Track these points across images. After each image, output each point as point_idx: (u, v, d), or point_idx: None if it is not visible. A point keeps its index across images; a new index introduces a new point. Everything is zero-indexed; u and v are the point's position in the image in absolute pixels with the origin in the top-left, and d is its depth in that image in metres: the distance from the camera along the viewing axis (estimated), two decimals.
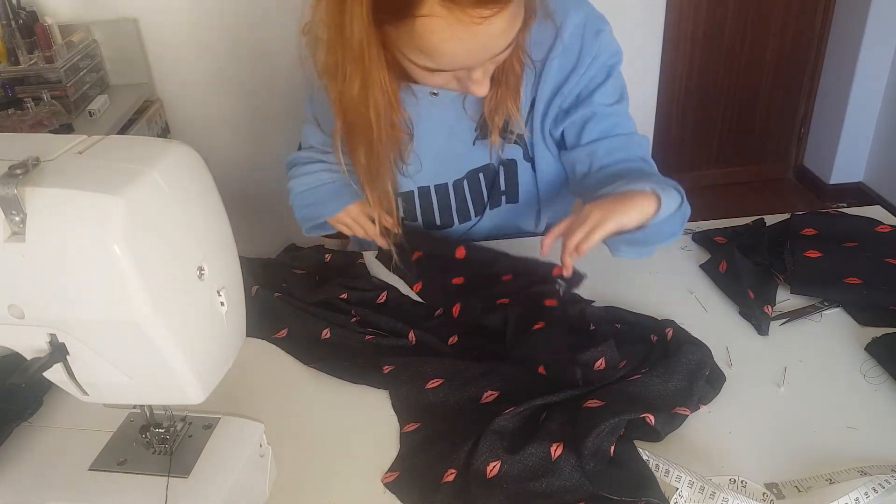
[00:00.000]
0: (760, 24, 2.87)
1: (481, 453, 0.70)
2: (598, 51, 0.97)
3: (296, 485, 0.73)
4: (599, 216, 0.84)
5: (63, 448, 0.69)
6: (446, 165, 1.08)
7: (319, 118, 1.08)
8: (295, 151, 1.16)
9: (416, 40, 0.77)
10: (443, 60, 0.79)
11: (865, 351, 0.87)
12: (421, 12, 0.73)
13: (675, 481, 0.69)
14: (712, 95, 3.01)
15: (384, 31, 0.79)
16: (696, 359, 0.81)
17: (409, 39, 0.77)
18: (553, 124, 1.02)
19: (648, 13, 2.05)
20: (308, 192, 1.09)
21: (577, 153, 1.00)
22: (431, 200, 1.11)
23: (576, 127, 1.00)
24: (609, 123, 0.98)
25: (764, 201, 3.09)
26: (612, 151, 0.97)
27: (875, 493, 0.66)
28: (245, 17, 1.90)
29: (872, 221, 1.07)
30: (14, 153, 0.51)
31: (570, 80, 0.97)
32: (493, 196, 1.12)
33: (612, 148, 0.97)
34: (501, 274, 1.01)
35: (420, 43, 0.77)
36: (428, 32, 0.75)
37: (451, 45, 0.76)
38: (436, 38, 0.75)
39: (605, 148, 0.98)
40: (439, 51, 0.77)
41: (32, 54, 1.66)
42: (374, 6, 0.75)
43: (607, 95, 0.98)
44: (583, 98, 0.98)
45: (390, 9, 0.75)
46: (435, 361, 0.85)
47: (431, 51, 0.77)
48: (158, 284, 0.51)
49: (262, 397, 0.85)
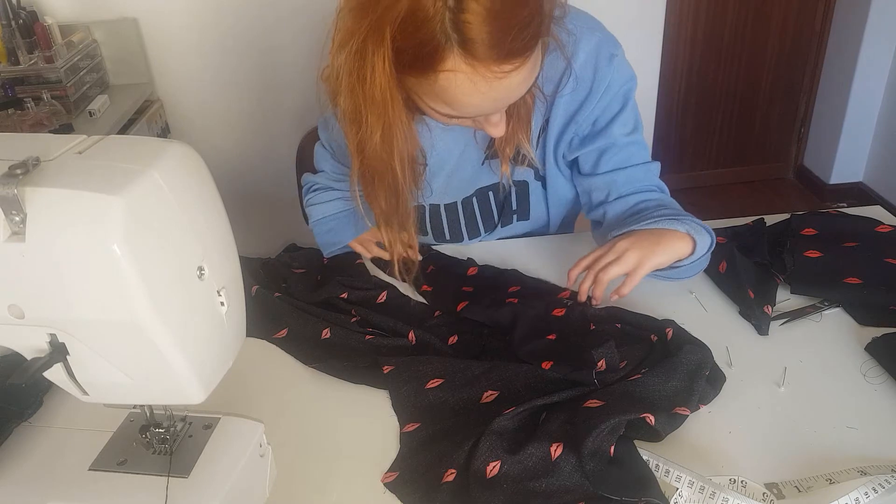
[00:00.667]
0: (760, 24, 2.87)
1: (481, 453, 0.70)
2: (613, 78, 0.96)
3: (296, 485, 0.73)
4: (637, 258, 0.87)
5: (63, 448, 0.69)
6: (456, 186, 1.10)
7: (333, 147, 1.11)
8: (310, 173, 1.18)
9: (437, 92, 0.77)
10: (464, 110, 0.80)
11: (865, 351, 0.87)
12: (444, 68, 0.73)
13: (675, 481, 0.69)
14: (712, 95, 3.01)
15: (405, 80, 0.78)
16: (696, 359, 0.81)
17: (430, 90, 0.78)
18: (568, 150, 1.03)
19: (648, 13, 2.04)
20: (324, 221, 1.11)
21: (595, 181, 1.02)
22: (441, 219, 1.13)
23: (593, 156, 1.01)
24: (626, 154, 0.99)
25: (764, 201, 3.09)
26: (630, 181, 0.99)
27: (875, 493, 0.66)
28: (245, 17, 1.90)
29: (872, 221, 1.07)
30: (14, 153, 0.51)
31: (585, 108, 0.97)
32: (505, 214, 1.14)
33: (630, 178, 0.99)
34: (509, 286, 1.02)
35: (442, 95, 0.77)
36: (451, 86, 0.75)
37: (474, 98, 0.77)
38: (458, 92, 0.76)
39: (623, 178, 0.99)
40: (461, 102, 0.78)
41: (32, 54, 1.66)
42: (396, 59, 0.75)
43: (624, 125, 0.98)
44: (599, 128, 0.99)
45: (413, 63, 0.75)
46: (435, 361, 0.85)
47: (453, 102, 0.78)
48: (158, 284, 0.51)
49: (262, 397, 0.85)
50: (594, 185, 1.02)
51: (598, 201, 1.02)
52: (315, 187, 1.15)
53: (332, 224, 1.11)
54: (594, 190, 1.02)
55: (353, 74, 0.79)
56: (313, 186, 1.15)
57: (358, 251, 1.12)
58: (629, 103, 0.98)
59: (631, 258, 0.87)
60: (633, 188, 0.99)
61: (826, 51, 2.93)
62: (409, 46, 0.73)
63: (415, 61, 0.74)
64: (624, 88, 0.97)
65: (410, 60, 0.75)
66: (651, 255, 0.87)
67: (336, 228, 1.11)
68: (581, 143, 1.01)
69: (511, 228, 1.16)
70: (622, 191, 1.00)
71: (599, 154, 1.00)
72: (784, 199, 3.11)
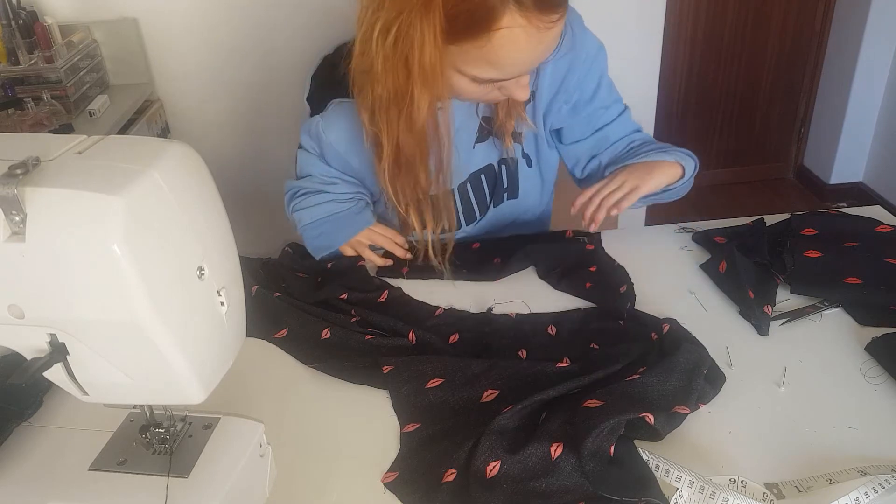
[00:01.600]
0: (760, 24, 2.87)
1: (481, 453, 0.70)
2: (589, 45, 1.03)
3: (296, 485, 0.73)
4: (635, 181, 1.01)
5: (63, 448, 0.69)
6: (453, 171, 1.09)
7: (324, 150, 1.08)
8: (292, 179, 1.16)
9: (487, 53, 0.81)
10: (510, 69, 0.85)
11: (865, 351, 0.87)
12: (500, 25, 0.78)
13: (675, 481, 0.69)
14: (712, 95, 3.01)
15: (448, 52, 0.82)
16: (694, 357, 0.81)
17: (478, 55, 0.82)
18: (556, 119, 1.09)
19: (648, 13, 2.04)
20: (315, 224, 1.10)
21: (587, 142, 1.12)
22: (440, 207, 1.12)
23: (583, 123, 1.10)
24: (610, 112, 1.11)
25: (764, 201, 3.09)
26: (616, 131, 1.12)
27: (875, 493, 0.66)
28: (246, 17, 1.90)
29: (872, 221, 1.07)
30: (14, 153, 0.51)
31: (571, 74, 1.02)
32: (496, 195, 1.15)
33: (616, 129, 1.12)
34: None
35: (492, 55, 0.81)
36: (506, 43, 0.80)
37: (524, 53, 0.82)
38: (512, 48, 0.80)
39: (611, 131, 1.11)
40: (510, 60, 0.83)
41: (32, 54, 1.66)
42: (448, 27, 0.79)
43: (606, 88, 1.09)
44: (588, 96, 1.07)
45: (467, 26, 0.79)
46: (435, 361, 0.85)
47: (502, 61, 0.83)
48: (158, 284, 0.51)
49: (262, 397, 0.85)
50: (585, 146, 1.13)
51: (591, 156, 1.13)
52: (302, 192, 1.12)
53: (323, 227, 1.09)
54: (586, 150, 1.13)
55: (396, 56, 0.82)
56: (300, 191, 1.12)
57: (348, 255, 1.10)
58: (606, 68, 1.08)
59: (628, 183, 1.01)
60: (619, 135, 1.12)
61: (826, 51, 2.93)
62: (463, 12, 0.78)
63: (469, 26, 0.79)
64: (601, 55, 1.06)
65: (464, 26, 0.79)
66: (647, 180, 1.02)
67: (327, 232, 1.09)
68: (571, 112, 1.09)
69: (502, 208, 1.17)
70: (611, 139, 1.12)
71: (589, 119, 1.10)
72: (784, 199, 3.11)
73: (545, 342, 0.91)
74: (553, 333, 0.92)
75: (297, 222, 1.12)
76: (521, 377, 0.82)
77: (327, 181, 1.10)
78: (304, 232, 1.11)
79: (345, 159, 1.06)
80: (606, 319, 0.93)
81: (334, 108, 1.03)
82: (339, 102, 1.02)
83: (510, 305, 0.98)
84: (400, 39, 0.81)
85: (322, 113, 1.04)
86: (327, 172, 1.09)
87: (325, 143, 1.06)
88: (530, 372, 0.83)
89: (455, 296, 1.01)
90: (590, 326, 0.92)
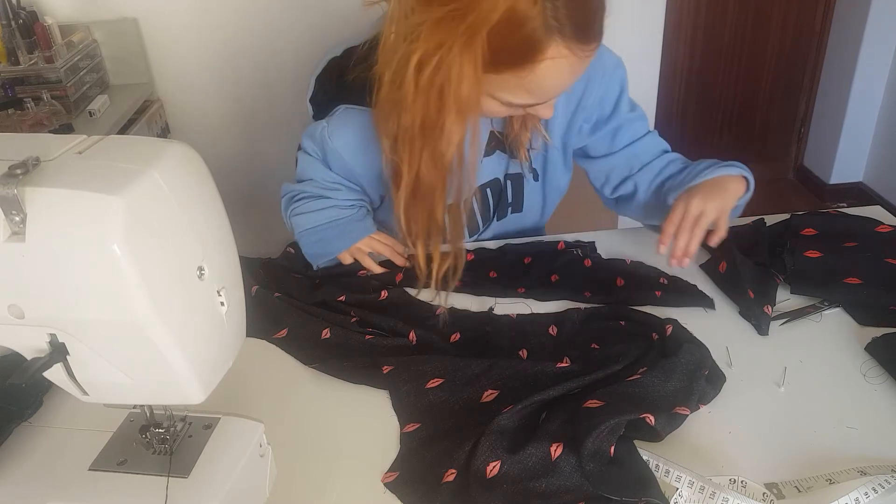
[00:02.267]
0: (760, 24, 2.87)
1: (481, 453, 0.70)
2: (606, 61, 1.02)
3: (296, 485, 0.73)
4: (717, 202, 0.96)
5: (63, 448, 0.69)
6: None
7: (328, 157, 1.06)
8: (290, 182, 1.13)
9: (528, 83, 0.82)
10: (546, 95, 0.86)
11: (865, 351, 0.87)
12: (545, 56, 0.79)
13: (675, 481, 0.69)
14: (712, 95, 3.01)
15: (487, 80, 0.82)
16: (695, 358, 0.81)
17: (518, 82, 0.82)
18: (577, 138, 1.08)
19: (648, 13, 2.04)
20: (314, 231, 1.07)
21: (614, 160, 1.10)
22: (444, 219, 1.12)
23: (607, 138, 1.09)
24: (635, 128, 1.09)
25: (764, 201, 3.08)
26: (647, 150, 1.09)
27: (875, 493, 0.66)
28: (246, 17, 1.90)
29: (872, 221, 1.07)
30: (14, 153, 0.51)
31: (588, 92, 1.02)
32: (501, 208, 1.15)
33: (646, 148, 1.09)
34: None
35: (532, 84, 0.82)
36: (549, 73, 0.80)
37: (563, 81, 0.84)
38: (553, 77, 0.82)
39: (641, 149, 1.09)
40: (550, 87, 0.84)
41: (32, 54, 1.66)
42: (491, 58, 0.79)
43: (627, 103, 1.07)
44: (608, 111, 1.07)
45: (513, 58, 0.79)
46: (435, 360, 0.85)
47: (541, 89, 0.84)
48: (158, 284, 0.51)
49: (262, 397, 0.85)
50: (614, 164, 1.10)
51: (623, 177, 1.10)
52: (301, 196, 1.09)
53: (323, 233, 1.06)
54: (615, 168, 1.10)
55: (432, 87, 0.81)
56: (299, 195, 1.09)
57: (346, 262, 1.08)
58: (626, 84, 1.07)
59: (712, 208, 0.96)
60: (652, 155, 1.09)
61: (826, 51, 2.93)
62: (509, 44, 0.78)
63: (513, 58, 0.79)
64: (619, 71, 1.05)
65: (508, 57, 0.79)
66: (726, 197, 0.98)
67: (327, 238, 1.06)
68: (593, 129, 1.08)
69: (505, 222, 1.17)
70: (644, 160, 1.09)
71: (613, 135, 1.08)
72: (784, 199, 3.11)
73: (546, 342, 0.91)
74: (554, 334, 0.92)
75: (294, 227, 1.09)
76: (522, 377, 0.82)
77: (329, 186, 1.07)
78: (303, 237, 1.08)
79: (349, 166, 1.05)
80: (607, 319, 0.93)
81: (341, 115, 1.01)
82: (347, 109, 1.00)
83: (511, 305, 0.98)
84: (438, 72, 0.80)
85: (328, 118, 1.02)
86: (329, 178, 1.07)
87: (329, 148, 1.04)
88: (530, 372, 0.83)
89: (455, 295, 1.01)
90: (590, 326, 0.92)
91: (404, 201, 0.92)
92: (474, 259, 1.08)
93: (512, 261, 1.07)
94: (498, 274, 1.04)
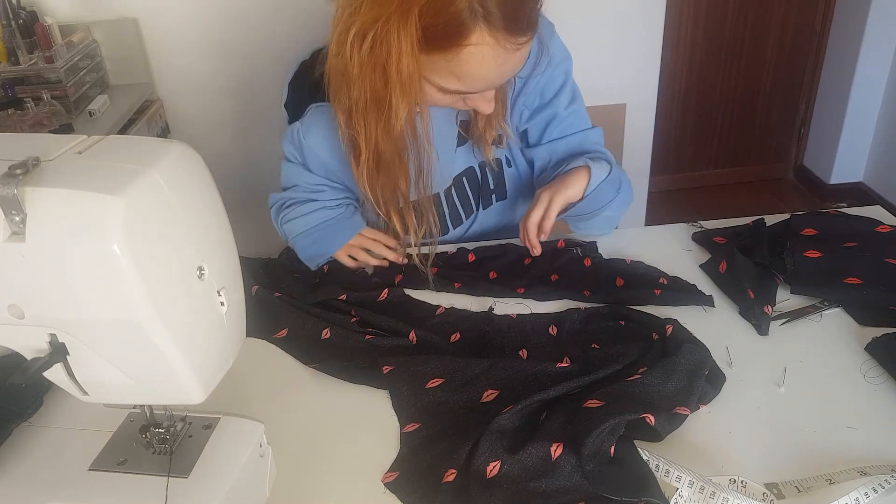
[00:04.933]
0: (760, 24, 2.87)
1: (481, 453, 0.70)
2: (555, 50, 1.04)
3: (296, 485, 0.73)
4: (548, 196, 0.99)
5: (63, 448, 0.69)
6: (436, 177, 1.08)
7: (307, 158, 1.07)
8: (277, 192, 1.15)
9: (454, 67, 0.84)
10: (474, 84, 0.87)
11: (865, 351, 0.87)
12: (469, 42, 0.81)
13: (675, 481, 0.69)
14: (712, 95, 3.01)
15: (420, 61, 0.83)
16: (695, 358, 0.81)
17: (446, 67, 0.84)
18: (519, 122, 1.10)
19: (648, 13, 2.04)
20: (307, 233, 1.07)
21: (539, 150, 1.11)
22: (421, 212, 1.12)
23: (540, 127, 1.10)
24: (567, 124, 1.09)
25: (764, 201, 3.09)
26: (568, 148, 1.10)
27: (875, 493, 0.66)
28: (245, 17, 1.90)
29: (872, 221, 1.07)
30: (14, 153, 0.51)
31: (532, 79, 1.03)
32: (483, 197, 1.16)
33: (568, 145, 1.10)
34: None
35: (458, 69, 0.84)
36: (472, 59, 0.82)
37: (488, 70, 0.84)
38: (477, 64, 0.83)
39: (563, 146, 1.10)
40: (475, 75, 0.85)
41: (32, 54, 1.66)
42: (423, 37, 0.81)
43: (566, 98, 1.08)
44: (546, 100, 1.08)
45: (440, 39, 0.81)
46: (435, 360, 0.85)
47: (468, 76, 0.85)
48: (158, 284, 0.51)
49: (262, 397, 0.85)
50: (538, 154, 1.11)
51: (542, 168, 1.12)
52: (289, 203, 1.10)
53: (316, 235, 1.07)
54: (538, 158, 1.12)
55: (374, 61, 0.83)
56: (286, 203, 1.10)
57: (343, 262, 1.08)
58: (570, 77, 1.08)
59: (544, 199, 1.00)
60: (570, 153, 1.09)
61: (826, 51, 2.93)
62: (437, 24, 0.80)
63: (440, 38, 0.81)
64: (565, 64, 1.06)
65: (436, 38, 0.81)
66: (559, 190, 0.99)
67: (321, 240, 1.07)
68: (531, 116, 1.09)
69: (491, 211, 1.17)
70: (561, 156, 1.09)
71: (545, 125, 1.09)
72: (784, 199, 3.11)
73: (546, 342, 0.91)
74: (554, 334, 0.92)
75: (287, 234, 1.10)
76: (522, 377, 0.82)
77: (314, 189, 1.08)
78: (297, 242, 1.08)
79: (326, 164, 1.05)
80: (607, 319, 0.93)
81: (313, 112, 1.03)
82: (318, 107, 1.02)
83: (511, 306, 0.98)
84: (377, 45, 0.82)
85: (301, 119, 1.04)
86: (312, 180, 1.08)
87: (305, 147, 1.05)
88: (530, 372, 0.83)
89: (456, 295, 1.01)
90: (590, 326, 0.92)
91: (367, 175, 0.96)
92: (474, 259, 1.08)
93: (512, 261, 1.07)
94: (498, 274, 1.04)
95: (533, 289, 1.01)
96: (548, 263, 1.06)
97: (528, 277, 1.03)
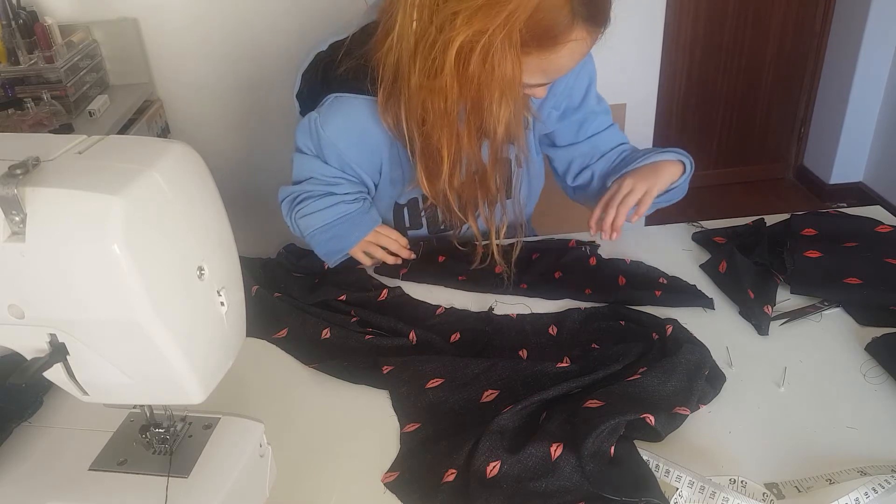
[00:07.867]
0: (760, 24, 2.87)
1: (481, 453, 0.70)
2: None
3: (296, 485, 0.73)
4: (646, 184, 1.04)
5: (63, 448, 0.69)
6: None
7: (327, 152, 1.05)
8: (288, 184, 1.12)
9: (547, 63, 0.88)
10: (556, 75, 0.93)
11: (865, 351, 0.87)
12: (570, 38, 0.85)
13: (675, 481, 0.69)
14: (712, 95, 3.01)
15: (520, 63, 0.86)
16: (695, 359, 0.81)
17: (539, 64, 0.88)
18: (545, 123, 1.11)
19: (648, 13, 2.04)
20: (326, 228, 1.06)
21: (578, 149, 1.15)
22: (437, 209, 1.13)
23: (574, 127, 1.13)
24: (600, 120, 1.14)
25: (764, 201, 3.09)
26: (608, 141, 1.15)
27: (875, 493, 0.66)
28: (245, 17, 1.90)
29: (872, 221, 1.07)
30: (14, 153, 0.50)
31: (560, 80, 1.03)
32: None
33: (608, 139, 1.15)
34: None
35: (551, 65, 0.88)
36: (569, 54, 0.87)
37: (575, 62, 0.89)
38: (571, 59, 0.88)
39: (603, 140, 1.14)
40: (564, 68, 0.90)
41: (32, 54, 1.66)
42: (525, 41, 0.84)
43: (595, 96, 1.12)
44: (577, 101, 1.11)
45: (543, 40, 0.85)
46: (435, 360, 0.85)
47: (557, 70, 0.90)
48: (158, 284, 0.51)
49: (262, 397, 0.85)
50: (577, 153, 1.15)
51: (583, 166, 1.16)
52: (304, 196, 1.07)
53: (336, 230, 1.05)
54: (577, 157, 1.16)
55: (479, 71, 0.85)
56: (301, 196, 1.07)
57: (358, 258, 1.08)
58: (595, 76, 1.12)
59: (640, 187, 1.04)
60: (610, 146, 1.15)
61: (826, 51, 2.93)
62: (541, 27, 0.83)
63: (543, 40, 0.85)
64: (590, 64, 1.10)
65: (538, 40, 0.84)
66: (655, 180, 1.05)
67: (340, 234, 1.06)
68: (560, 117, 1.11)
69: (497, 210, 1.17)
70: (602, 150, 1.14)
71: (580, 125, 1.13)
72: (784, 199, 3.11)
73: (546, 342, 0.91)
74: (554, 334, 0.92)
75: (302, 229, 1.08)
76: (522, 377, 0.82)
77: (331, 182, 1.06)
78: (314, 237, 1.07)
79: (343, 155, 1.04)
80: (607, 319, 0.93)
81: (332, 103, 1.01)
82: (337, 97, 1.00)
83: (511, 306, 0.98)
84: (482, 57, 0.84)
85: (318, 108, 1.02)
86: (329, 172, 1.05)
87: (323, 138, 1.02)
88: (530, 372, 0.83)
89: (456, 295, 1.02)
90: (590, 326, 0.92)
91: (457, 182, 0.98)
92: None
93: (519, 256, 1.06)
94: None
95: (536, 286, 1.01)
96: (554, 260, 1.06)
97: (532, 273, 1.03)
